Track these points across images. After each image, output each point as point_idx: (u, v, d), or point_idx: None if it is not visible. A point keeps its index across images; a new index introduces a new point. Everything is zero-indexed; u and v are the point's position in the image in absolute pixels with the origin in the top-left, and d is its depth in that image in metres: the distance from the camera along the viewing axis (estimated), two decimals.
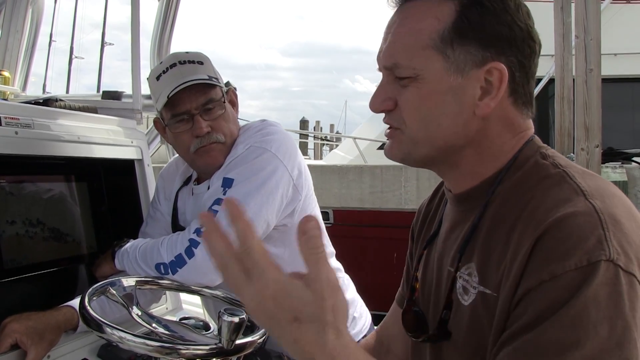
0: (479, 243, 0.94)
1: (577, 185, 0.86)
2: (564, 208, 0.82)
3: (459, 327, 0.96)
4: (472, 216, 0.97)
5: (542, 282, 0.78)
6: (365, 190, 6.02)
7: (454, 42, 0.91)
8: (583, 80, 4.44)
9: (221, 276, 0.75)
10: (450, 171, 1.02)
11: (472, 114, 0.93)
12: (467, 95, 0.92)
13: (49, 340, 1.46)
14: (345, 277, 1.89)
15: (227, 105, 1.68)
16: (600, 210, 0.81)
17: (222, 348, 1.15)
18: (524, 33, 0.92)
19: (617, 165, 5.21)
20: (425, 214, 1.21)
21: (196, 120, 1.62)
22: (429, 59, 0.92)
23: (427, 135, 0.95)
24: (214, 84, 1.63)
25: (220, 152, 1.66)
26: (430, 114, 0.94)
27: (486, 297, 0.89)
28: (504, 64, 0.91)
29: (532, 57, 0.95)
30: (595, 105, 4.43)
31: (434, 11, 0.93)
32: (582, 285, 0.76)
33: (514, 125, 0.96)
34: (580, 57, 4.48)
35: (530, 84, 0.96)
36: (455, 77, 0.92)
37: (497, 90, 0.92)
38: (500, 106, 0.94)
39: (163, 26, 2.51)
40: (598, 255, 0.77)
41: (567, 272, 0.77)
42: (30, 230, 1.71)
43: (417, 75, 0.93)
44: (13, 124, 1.63)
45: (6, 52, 2.90)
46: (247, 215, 0.73)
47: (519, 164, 0.95)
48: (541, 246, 0.81)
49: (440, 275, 1.05)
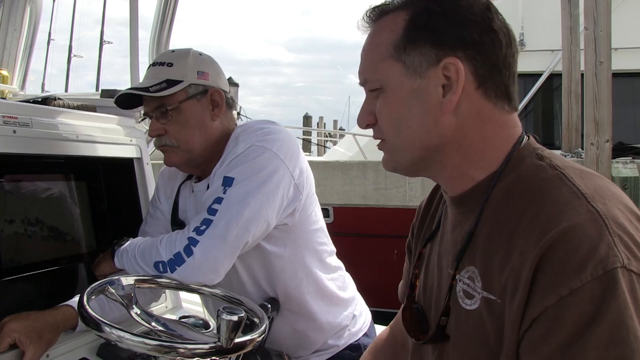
0: (479, 247, 0.94)
1: (577, 188, 0.85)
2: (567, 216, 0.81)
3: (460, 330, 0.96)
4: (470, 218, 0.98)
5: (561, 298, 0.77)
6: (369, 187, 5.99)
7: (407, 47, 0.96)
8: (592, 74, 4.37)
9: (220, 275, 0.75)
10: (440, 173, 1.03)
11: (440, 112, 0.95)
12: (430, 95, 0.95)
13: (47, 340, 1.46)
14: (345, 275, 1.89)
15: (190, 109, 1.65)
16: (604, 213, 0.81)
17: (221, 346, 1.15)
18: (480, 26, 0.94)
19: (628, 160, 5.12)
20: (425, 212, 1.22)
21: (151, 123, 1.69)
22: (390, 68, 0.98)
23: (404, 140, 0.99)
24: (155, 94, 1.61)
25: (173, 154, 1.68)
26: (400, 119, 0.98)
27: (490, 302, 0.89)
28: (462, 58, 0.93)
29: (497, 47, 0.95)
30: (605, 99, 4.36)
31: (389, 24, 0.99)
32: (605, 296, 0.75)
33: (492, 120, 0.97)
34: (590, 49, 4.40)
35: (503, 74, 0.96)
36: (415, 79, 0.96)
37: (456, 84, 0.94)
38: (470, 100, 0.95)
39: (162, 24, 2.49)
40: (613, 262, 0.76)
41: (585, 284, 0.76)
42: (29, 229, 1.71)
43: (382, 85, 0.99)
44: (11, 122, 1.63)
45: (4, 51, 2.90)
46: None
47: (513, 164, 0.95)
48: (551, 259, 0.79)
49: (441, 276, 1.06)
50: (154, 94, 1.62)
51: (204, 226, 1.49)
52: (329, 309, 1.78)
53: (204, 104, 1.67)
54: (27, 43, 2.99)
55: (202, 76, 1.67)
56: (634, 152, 5.56)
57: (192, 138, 1.66)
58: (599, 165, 4.60)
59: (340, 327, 1.81)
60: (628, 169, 4.95)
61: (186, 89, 1.65)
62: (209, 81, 1.68)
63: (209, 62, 1.72)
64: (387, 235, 5.84)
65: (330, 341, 1.80)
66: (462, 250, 0.96)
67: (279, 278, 1.69)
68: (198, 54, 1.72)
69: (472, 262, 0.95)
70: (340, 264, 1.88)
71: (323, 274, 1.77)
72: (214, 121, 1.69)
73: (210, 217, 1.50)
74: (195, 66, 1.67)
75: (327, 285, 1.77)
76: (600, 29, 4.29)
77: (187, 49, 1.71)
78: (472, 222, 0.96)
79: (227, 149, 1.64)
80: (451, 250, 1.02)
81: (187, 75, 1.65)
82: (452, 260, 1.00)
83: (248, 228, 1.50)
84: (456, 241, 1.01)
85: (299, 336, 1.76)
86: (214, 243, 1.47)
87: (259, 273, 1.69)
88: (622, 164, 4.99)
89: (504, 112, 0.98)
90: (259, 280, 1.69)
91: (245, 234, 1.50)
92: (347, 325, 1.83)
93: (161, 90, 1.62)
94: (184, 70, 1.65)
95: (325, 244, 1.80)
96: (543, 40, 7.60)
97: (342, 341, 1.81)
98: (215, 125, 1.69)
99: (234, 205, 1.50)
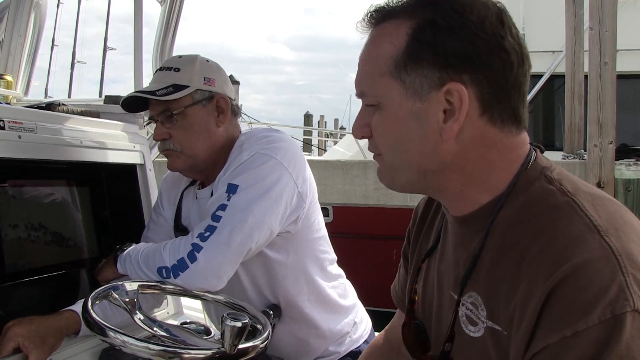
0: (483, 273, 0.91)
1: (590, 219, 0.81)
2: (579, 251, 0.77)
3: (464, 356, 0.94)
4: (474, 240, 0.94)
5: (564, 338, 0.74)
6: (369, 187, 5.94)
7: (408, 66, 0.89)
8: (597, 74, 4.29)
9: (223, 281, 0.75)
10: (440, 195, 0.99)
11: (439, 138, 0.89)
12: (430, 120, 0.89)
13: (50, 344, 1.46)
14: (346, 283, 1.90)
15: (195, 115, 1.67)
16: (617, 250, 0.77)
17: (224, 352, 1.15)
18: (490, 45, 0.86)
19: (632, 162, 5.00)
20: (422, 219, 1.18)
21: (156, 127, 1.70)
22: (388, 85, 0.91)
23: (401, 162, 0.94)
24: (161, 98, 1.63)
25: (177, 159, 1.69)
26: (397, 141, 0.93)
27: (496, 333, 0.87)
28: (467, 83, 0.86)
29: (507, 69, 0.88)
30: (609, 100, 4.29)
31: (390, 36, 0.91)
32: (609, 341, 0.72)
33: (498, 144, 0.91)
34: (594, 49, 4.33)
35: (512, 97, 0.90)
36: (414, 102, 0.89)
37: (459, 112, 0.87)
38: (473, 126, 0.89)
39: (166, 30, 2.51)
40: (622, 306, 0.72)
41: (591, 327, 0.73)
42: (33, 234, 1.72)
43: (379, 102, 0.93)
44: (16, 128, 1.64)
45: (9, 57, 2.91)
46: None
47: (520, 187, 0.90)
48: (559, 296, 0.76)
49: (441, 295, 1.04)
50: (161, 98, 1.63)
51: (208, 233, 1.50)
52: (330, 316, 1.79)
53: (209, 110, 1.69)
54: (31, 49, 3.00)
55: (208, 82, 1.69)
56: (638, 153, 5.43)
57: (196, 143, 1.67)
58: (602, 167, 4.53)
59: (342, 334, 1.82)
60: (631, 171, 4.85)
61: (192, 94, 1.66)
62: (215, 87, 1.70)
63: (216, 69, 1.73)
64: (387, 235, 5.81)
65: (331, 348, 1.80)
66: (466, 276, 0.93)
67: (281, 285, 1.69)
68: (205, 60, 1.73)
69: (474, 288, 0.92)
70: (341, 271, 1.89)
71: (324, 281, 1.77)
72: (218, 127, 1.70)
73: (214, 223, 1.51)
74: (202, 72, 1.69)
75: (328, 293, 1.78)
76: (606, 29, 4.23)
77: (195, 55, 1.73)
78: (477, 245, 0.92)
79: (231, 156, 1.65)
80: (452, 270, 0.99)
81: (194, 81, 1.66)
82: (453, 282, 0.98)
83: (251, 235, 1.51)
84: (458, 262, 0.98)
85: (300, 343, 1.77)
86: (218, 249, 1.48)
87: (261, 280, 1.69)
88: (626, 166, 4.89)
89: (511, 136, 0.92)
90: (261, 287, 1.70)
91: (249, 241, 1.51)
92: (348, 332, 1.83)
93: (168, 94, 1.63)
94: (191, 75, 1.67)
95: (327, 252, 1.81)
96: (544, 41, 7.60)
97: (343, 348, 1.82)
98: (219, 132, 1.70)
99: (238, 213, 1.51)
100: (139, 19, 2.46)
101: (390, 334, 1.37)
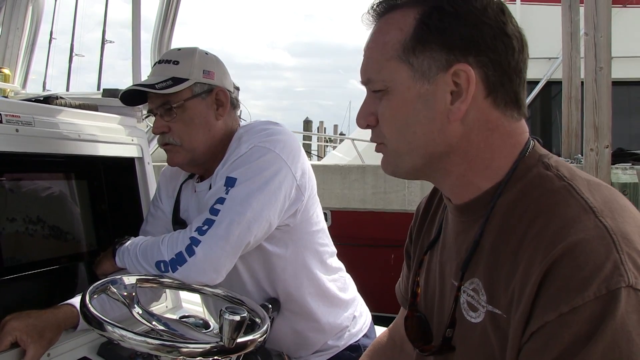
0: (483, 258, 0.92)
1: (585, 202, 0.83)
2: (575, 230, 0.79)
3: (465, 342, 0.95)
4: (474, 227, 0.96)
5: (561, 315, 0.76)
6: (367, 191, 5.97)
7: (416, 50, 0.91)
8: (592, 79, 4.36)
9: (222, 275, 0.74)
10: (444, 180, 1.00)
11: (446, 120, 0.92)
12: (438, 101, 0.92)
13: (48, 339, 1.46)
14: (346, 276, 1.90)
15: (194, 108, 1.65)
16: (612, 230, 0.79)
17: (223, 346, 1.15)
18: (494, 30, 0.90)
19: (628, 166, 5.08)
20: (424, 215, 1.20)
21: (155, 120, 1.69)
22: (396, 69, 0.93)
23: (407, 146, 0.96)
24: (160, 91, 1.61)
25: (176, 153, 1.68)
26: (405, 124, 0.95)
27: (496, 317, 0.88)
28: (473, 64, 0.90)
29: (510, 53, 0.92)
30: (605, 105, 4.35)
31: (397, 22, 0.94)
32: (605, 316, 0.73)
33: (500, 128, 0.94)
34: (590, 55, 4.39)
35: (514, 81, 0.93)
36: (422, 84, 0.92)
37: (466, 93, 0.90)
38: (478, 108, 0.92)
39: (163, 25, 2.50)
40: (617, 282, 0.74)
41: (587, 302, 0.74)
42: (31, 228, 1.71)
43: (387, 87, 0.94)
44: (14, 121, 1.63)
45: (6, 50, 2.90)
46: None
47: (519, 174, 0.93)
48: (555, 274, 0.78)
49: (443, 284, 1.04)
50: (160, 91, 1.62)
51: (206, 226, 1.49)
52: (329, 310, 1.78)
53: (208, 103, 1.68)
54: (29, 42, 2.99)
55: (207, 75, 1.68)
56: (634, 158, 5.53)
57: (195, 137, 1.66)
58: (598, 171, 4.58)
59: (341, 328, 1.81)
60: (627, 175, 4.91)
61: (192, 87, 1.65)
62: (214, 80, 1.69)
63: (215, 62, 1.72)
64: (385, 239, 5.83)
65: (330, 342, 1.80)
66: (466, 261, 0.94)
67: (280, 278, 1.69)
68: (204, 53, 1.72)
69: (475, 274, 0.93)
70: (341, 265, 1.89)
71: (324, 275, 1.77)
72: (218, 120, 1.69)
73: (212, 217, 1.50)
74: (201, 65, 1.68)
75: (327, 287, 1.77)
76: (601, 34, 4.29)
77: (194, 48, 1.72)
78: (477, 232, 0.94)
79: (229, 149, 1.64)
80: (454, 258, 1.01)
81: (193, 74, 1.65)
82: (455, 269, 0.99)
83: (250, 228, 1.50)
84: (459, 250, 0.99)
85: (299, 337, 1.77)
86: (216, 243, 1.48)
87: (260, 273, 1.69)
88: (622, 170, 4.95)
89: (513, 120, 0.95)
90: (260, 280, 1.70)
91: (247, 235, 1.51)
92: (347, 326, 1.83)
93: (167, 87, 1.62)
94: (190, 68, 1.66)
95: (327, 245, 1.80)
96: (540, 48, 7.62)
97: (342, 342, 1.82)
98: (219, 125, 1.69)
99: (236, 206, 1.50)
100: (137, 12, 2.45)
101: (393, 332, 1.38)
